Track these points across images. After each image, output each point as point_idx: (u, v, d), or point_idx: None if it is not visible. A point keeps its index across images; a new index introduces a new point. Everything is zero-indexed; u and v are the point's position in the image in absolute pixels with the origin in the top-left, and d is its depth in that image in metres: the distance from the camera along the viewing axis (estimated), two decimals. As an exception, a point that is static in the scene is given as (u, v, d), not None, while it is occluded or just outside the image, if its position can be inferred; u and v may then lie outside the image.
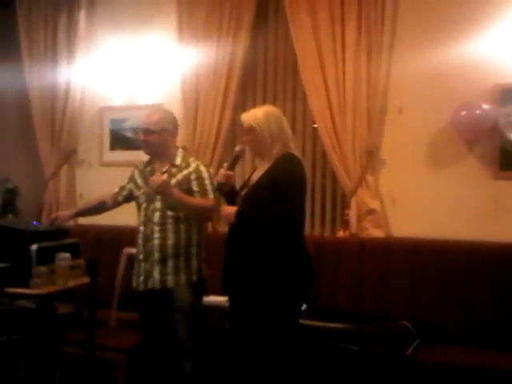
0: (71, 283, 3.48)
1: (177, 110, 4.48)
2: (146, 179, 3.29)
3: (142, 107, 4.59)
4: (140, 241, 3.25)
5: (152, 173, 3.26)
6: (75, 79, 4.87)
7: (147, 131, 3.22)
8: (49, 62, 4.95)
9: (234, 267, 2.81)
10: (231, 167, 2.92)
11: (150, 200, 3.22)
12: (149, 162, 3.36)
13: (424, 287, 3.61)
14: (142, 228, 3.24)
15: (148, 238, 3.20)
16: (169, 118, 3.29)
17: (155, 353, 3.29)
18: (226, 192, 2.96)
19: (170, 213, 3.16)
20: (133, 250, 3.51)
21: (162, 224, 3.17)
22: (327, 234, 4.26)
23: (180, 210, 3.14)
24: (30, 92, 5.00)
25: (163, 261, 3.16)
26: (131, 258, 3.72)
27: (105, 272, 3.66)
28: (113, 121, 4.84)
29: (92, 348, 3.00)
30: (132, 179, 3.41)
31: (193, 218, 3.20)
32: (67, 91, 4.89)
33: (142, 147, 3.32)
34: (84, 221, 4.42)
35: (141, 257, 3.24)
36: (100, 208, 3.50)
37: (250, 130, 2.82)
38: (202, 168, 3.23)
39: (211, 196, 3.17)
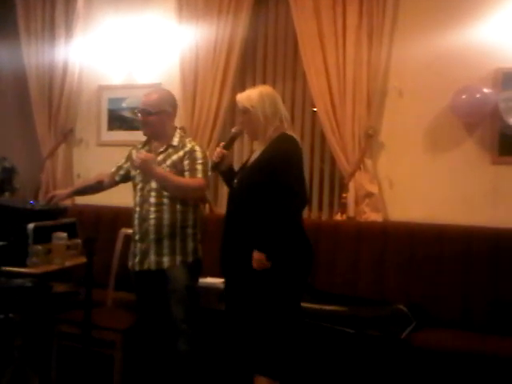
0: (68, 263, 3.47)
1: (175, 90, 4.44)
2: None
3: (140, 86, 4.56)
4: (136, 221, 3.24)
5: (149, 153, 3.25)
6: (73, 58, 4.83)
7: (146, 112, 3.19)
8: (46, 41, 4.91)
9: (233, 249, 2.81)
10: (227, 147, 2.93)
11: (145, 180, 3.21)
12: (146, 142, 3.34)
13: (421, 271, 3.61)
14: (137, 208, 3.24)
15: (144, 219, 3.19)
16: (168, 99, 3.27)
17: (151, 333, 3.30)
18: (224, 172, 2.97)
19: (165, 193, 3.15)
20: (129, 231, 3.50)
21: (158, 204, 3.16)
22: (325, 217, 4.25)
23: (165, 188, 3.12)
24: (27, 70, 4.97)
25: (159, 241, 3.15)
26: (128, 239, 3.71)
27: (102, 252, 3.64)
28: (111, 100, 4.81)
29: (88, 327, 3.00)
30: (129, 159, 3.39)
31: (189, 199, 3.19)
32: (65, 70, 4.85)
33: (141, 128, 3.30)
34: (81, 200, 4.42)
35: (137, 237, 3.24)
36: (97, 187, 3.49)
37: (245, 111, 2.82)
38: (197, 148, 3.21)
39: (199, 175, 3.14)
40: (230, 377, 3.19)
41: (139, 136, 3.41)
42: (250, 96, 2.82)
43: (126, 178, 3.40)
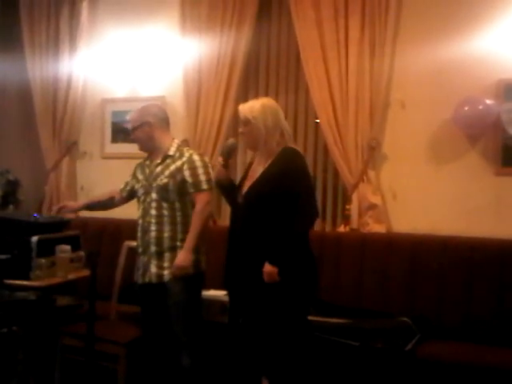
0: (71, 275, 3.47)
1: (179, 103, 4.50)
2: (143, 171, 3.33)
3: (144, 99, 4.56)
4: (138, 234, 3.27)
5: (150, 165, 3.28)
6: (77, 71, 4.86)
7: (131, 129, 3.30)
8: (51, 54, 4.95)
9: (240, 263, 2.80)
10: (226, 160, 2.92)
11: (146, 192, 3.23)
12: (148, 157, 3.37)
13: (424, 283, 3.60)
14: (140, 221, 3.26)
15: (145, 231, 3.21)
16: (149, 111, 3.30)
17: (154, 346, 3.29)
18: (225, 187, 2.96)
19: (165, 204, 3.17)
20: (133, 243, 3.51)
21: (159, 216, 3.17)
22: (328, 229, 4.25)
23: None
24: (31, 83, 5.00)
25: (160, 254, 3.16)
26: (131, 251, 3.72)
27: (105, 265, 3.67)
28: (114, 113, 4.82)
29: (92, 340, 3.00)
30: (134, 175, 3.42)
31: (190, 209, 3.19)
32: (69, 83, 4.88)
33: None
34: (84, 213, 4.41)
35: (139, 250, 3.26)
36: (108, 203, 3.52)
37: (246, 122, 2.81)
38: (196, 157, 3.21)
39: (205, 187, 3.15)
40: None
41: (142, 149, 3.43)
42: (252, 107, 2.81)
43: (132, 193, 3.42)
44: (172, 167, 3.19)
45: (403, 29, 3.90)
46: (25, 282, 3.25)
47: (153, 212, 3.19)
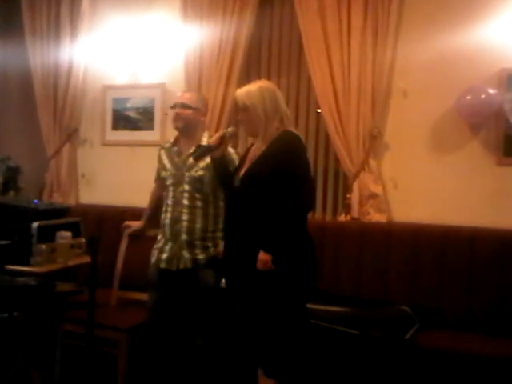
0: (72, 262, 3.49)
1: (180, 90, 4.45)
2: (172, 159, 3.32)
3: (144, 86, 4.58)
4: (167, 221, 3.26)
5: (179, 153, 3.29)
6: (78, 57, 4.83)
7: (184, 106, 3.27)
8: (51, 40, 4.90)
9: (237, 249, 2.76)
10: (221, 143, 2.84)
11: (177, 182, 3.24)
12: (174, 143, 3.36)
13: (425, 272, 3.60)
14: (169, 209, 3.26)
15: (176, 220, 3.22)
16: (202, 99, 3.40)
17: (164, 329, 3.32)
18: (216, 158, 2.86)
19: (198, 195, 3.19)
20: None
21: (191, 207, 3.20)
22: (329, 218, 4.24)
23: None
24: (32, 70, 4.97)
25: (191, 242, 3.20)
26: (132, 238, 3.73)
27: (106, 251, 3.65)
28: (115, 100, 4.80)
29: (92, 326, 3.01)
30: (159, 161, 3.42)
31: (221, 202, 3.23)
32: (70, 69, 4.85)
33: (174, 122, 3.32)
34: (85, 200, 4.42)
35: (167, 237, 3.26)
36: (160, 204, 3.50)
37: (244, 108, 2.73)
38: (231, 150, 3.21)
39: None
40: (235, 372, 3.22)
41: (143, 136, 3.44)
42: (249, 92, 2.72)
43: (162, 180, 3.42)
44: (208, 159, 3.15)
45: (406, 18, 3.88)
46: (25, 268, 3.26)
47: (185, 202, 3.20)
